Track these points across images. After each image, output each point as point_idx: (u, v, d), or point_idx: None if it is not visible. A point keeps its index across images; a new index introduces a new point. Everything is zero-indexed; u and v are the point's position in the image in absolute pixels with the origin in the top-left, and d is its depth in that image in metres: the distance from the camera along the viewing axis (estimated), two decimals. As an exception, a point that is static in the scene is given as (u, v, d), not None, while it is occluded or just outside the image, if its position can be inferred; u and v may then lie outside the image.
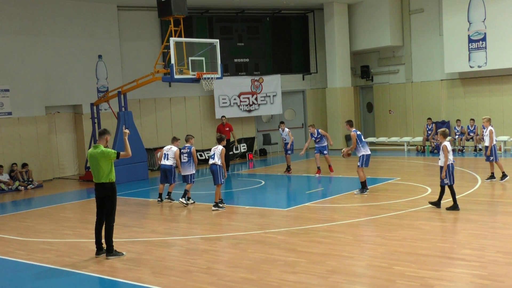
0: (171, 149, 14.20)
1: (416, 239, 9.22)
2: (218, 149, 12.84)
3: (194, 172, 13.86)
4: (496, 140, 14.79)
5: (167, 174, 14.13)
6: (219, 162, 12.71)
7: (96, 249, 9.36)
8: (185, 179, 13.86)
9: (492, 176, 14.51)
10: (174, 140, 14.45)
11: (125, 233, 11.09)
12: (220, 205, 12.87)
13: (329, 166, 17.72)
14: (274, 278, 7.65)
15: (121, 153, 9.32)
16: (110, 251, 9.18)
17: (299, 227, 10.64)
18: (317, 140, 17.58)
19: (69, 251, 9.89)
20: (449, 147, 11.27)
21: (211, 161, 12.87)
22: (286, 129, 18.47)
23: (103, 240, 9.35)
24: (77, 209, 14.51)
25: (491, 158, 14.42)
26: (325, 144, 17.63)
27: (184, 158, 13.80)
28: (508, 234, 9.38)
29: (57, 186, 18.82)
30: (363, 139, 13.98)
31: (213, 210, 12.74)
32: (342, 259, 8.39)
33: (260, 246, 9.43)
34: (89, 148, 19.83)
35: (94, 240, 9.41)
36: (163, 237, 10.48)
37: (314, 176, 17.34)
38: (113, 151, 9.28)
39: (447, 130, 11.73)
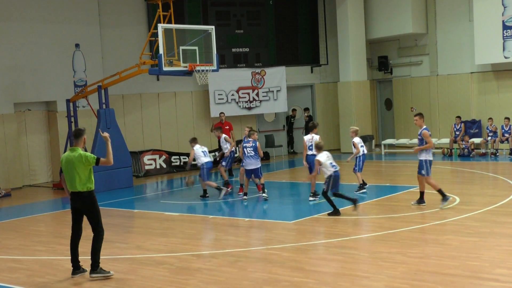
0: (202, 147, 16.64)
1: (442, 256, 9.22)
2: (315, 138, 14.44)
3: (260, 166, 15.13)
4: None
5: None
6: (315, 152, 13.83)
7: (72, 268, 9.32)
8: (255, 173, 15.07)
9: None
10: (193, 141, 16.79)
11: (107, 249, 11.06)
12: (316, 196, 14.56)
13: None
14: (278, 301, 7.66)
15: (102, 159, 9.25)
16: (95, 268, 9.09)
17: (307, 243, 10.65)
18: None
19: (41, 270, 9.90)
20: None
21: (309, 152, 14.50)
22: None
23: (86, 257, 9.34)
24: (50, 222, 14.53)
25: None
26: None
27: (250, 152, 14.94)
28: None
29: (27, 195, 18.84)
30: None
31: (310, 200, 14.53)
32: (356, 280, 8.39)
33: (262, 264, 9.44)
34: (65, 151, 19.88)
35: (70, 258, 9.36)
36: (150, 254, 10.48)
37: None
38: (92, 156, 9.19)
39: (320, 144, 13.28)
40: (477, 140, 22.17)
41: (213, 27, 18.26)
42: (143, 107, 23.04)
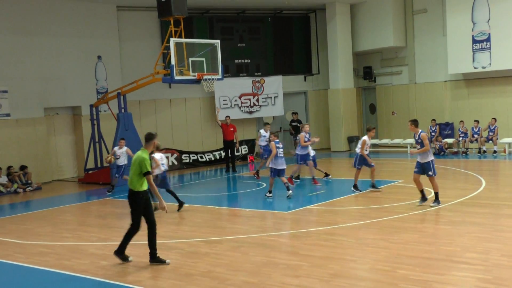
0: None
1: (420, 242, 9.22)
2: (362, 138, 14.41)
3: (285, 167, 14.46)
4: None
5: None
6: (358, 151, 14.37)
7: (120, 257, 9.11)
8: (282, 172, 14.30)
9: None
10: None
11: (125, 236, 11.09)
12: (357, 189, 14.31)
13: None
14: (276, 281, 7.65)
15: (150, 177, 8.87)
16: (153, 256, 8.89)
17: (301, 230, 10.65)
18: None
19: (68, 254, 9.90)
20: None
21: (357, 150, 14.47)
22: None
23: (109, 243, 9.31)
24: (76, 212, 14.52)
25: None
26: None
27: (281, 154, 14.30)
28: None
29: (56, 189, 18.84)
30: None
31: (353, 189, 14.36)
32: (344, 263, 8.39)
33: (262, 249, 9.43)
34: (89, 150, 19.86)
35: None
36: (164, 240, 10.47)
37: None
38: (148, 166, 8.81)
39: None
40: (450, 140, 22.17)
41: (219, 41, 18.26)
42: (157, 111, 23.02)
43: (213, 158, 22.89)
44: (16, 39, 19.38)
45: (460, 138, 21.84)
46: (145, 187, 8.87)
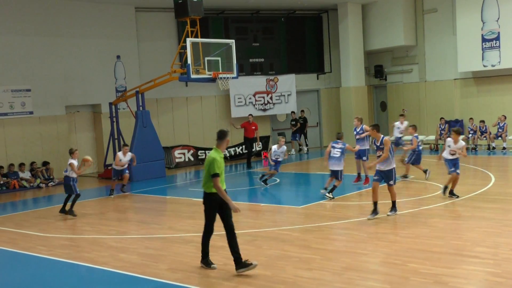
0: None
1: (430, 236, 9.16)
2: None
3: (342, 169, 13.34)
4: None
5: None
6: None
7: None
8: (335, 174, 13.29)
9: None
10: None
11: (144, 229, 11.15)
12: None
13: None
14: (289, 274, 7.64)
15: (217, 180, 7.97)
16: (239, 262, 7.94)
17: (314, 224, 10.62)
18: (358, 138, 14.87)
19: (88, 246, 9.97)
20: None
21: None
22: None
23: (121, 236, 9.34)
24: (96, 206, 14.61)
25: None
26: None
27: (336, 154, 13.33)
28: (522, 232, 9.30)
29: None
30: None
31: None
32: (356, 256, 8.36)
33: (275, 242, 9.42)
34: (108, 146, 19.95)
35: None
36: (180, 234, 10.51)
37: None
38: (216, 169, 7.94)
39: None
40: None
41: (233, 40, 18.26)
42: (174, 109, 23.06)
43: (228, 155, 22.89)
44: (39, 40, 19.51)
45: (470, 135, 21.65)
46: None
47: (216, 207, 8.11)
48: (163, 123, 22.44)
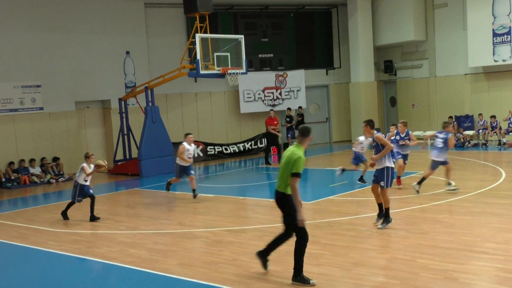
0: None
1: (439, 232, 9.13)
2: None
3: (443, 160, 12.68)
4: None
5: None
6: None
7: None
8: (437, 164, 12.69)
9: None
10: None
11: (153, 225, 11.20)
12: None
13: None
14: (298, 270, 7.63)
15: (296, 181, 7.16)
16: (295, 275, 7.22)
17: (323, 220, 10.61)
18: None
19: (98, 242, 10.03)
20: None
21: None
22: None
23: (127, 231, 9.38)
24: (106, 201, 14.68)
25: None
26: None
27: (439, 144, 12.64)
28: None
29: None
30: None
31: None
32: (365, 252, 8.35)
33: (285, 238, 9.40)
34: (117, 142, 20.03)
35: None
36: (190, 229, 10.55)
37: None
38: (299, 168, 7.11)
39: None
40: (470, 132, 21.86)
41: (242, 36, 18.25)
42: (183, 105, 23.10)
43: (237, 150, 22.91)
44: (49, 36, 19.60)
45: (480, 131, 21.53)
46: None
47: (294, 209, 7.21)
48: (172, 118, 22.48)
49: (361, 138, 14.39)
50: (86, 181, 12.27)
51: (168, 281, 7.61)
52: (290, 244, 8.92)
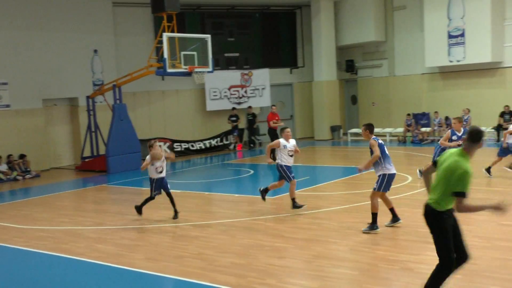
0: None
1: (397, 225, 9.25)
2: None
3: None
4: None
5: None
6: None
7: None
8: None
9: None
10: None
11: (120, 220, 11.06)
12: None
13: None
14: (262, 263, 7.66)
15: (465, 201, 5.48)
16: None
17: (286, 214, 10.65)
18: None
19: (65, 237, 9.85)
20: None
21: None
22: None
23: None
24: (73, 198, 14.45)
25: None
26: None
27: None
28: (484, 219, 9.44)
29: (53, 176, 18.69)
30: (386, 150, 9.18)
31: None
32: (326, 245, 8.42)
33: (249, 232, 9.43)
34: (85, 140, 19.71)
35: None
36: (156, 224, 10.46)
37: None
38: (468, 187, 5.48)
39: None
40: (426, 129, 22.29)
41: (209, 35, 18.19)
42: (150, 102, 22.88)
43: (203, 147, 22.80)
44: (16, 33, 19.12)
45: (436, 128, 21.97)
46: (451, 204, 5.62)
47: (451, 228, 5.72)
48: (140, 116, 22.24)
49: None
50: (160, 172, 10.59)
51: (135, 275, 7.53)
52: (254, 239, 8.94)
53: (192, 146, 22.65)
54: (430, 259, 7.44)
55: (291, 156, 10.68)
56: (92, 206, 13.17)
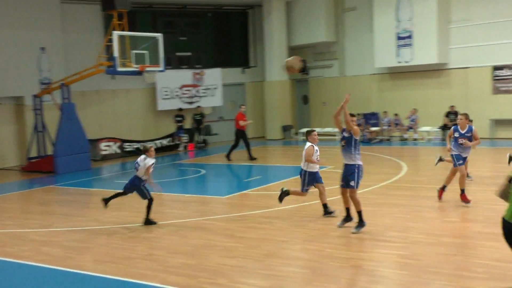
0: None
1: (347, 223, 9.38)
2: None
3: None
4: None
5: None
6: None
7: None
8: None
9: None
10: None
11: (68, 222, 10.80)
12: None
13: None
14: (213, 262, 7.64)
15: None
16: None
17: (237, 214, 10.66)
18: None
19: (10, 241, 9.54)
20: None
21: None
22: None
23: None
24: (17, 200, 14.02)
25: None
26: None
27: None
28: (430, 217, 9.73)
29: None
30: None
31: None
32: (277, 244, 8.47)
33: (200, 232, 9.39)
34: (32, 140, 19.14)
35: None
36: (105, 226, 10.27)
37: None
38: None
39: None
40: (375, 129, 22.75)
41: (161, 34, 18.02)
42: (100, 102, 22.45)
43: (155, 147, 22.46)
44: (-44, 29, 18.41)
45: (384, 127, 22.45)
46: None
47: None
48: (89, 115, 21.76)
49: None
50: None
51: (83, 278, 7.37)
52: (205, 239, 8.90)
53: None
54: (379, 256, 7.62)
55: (318, 160, 9.97)
56: (39, 207, 12.80)
